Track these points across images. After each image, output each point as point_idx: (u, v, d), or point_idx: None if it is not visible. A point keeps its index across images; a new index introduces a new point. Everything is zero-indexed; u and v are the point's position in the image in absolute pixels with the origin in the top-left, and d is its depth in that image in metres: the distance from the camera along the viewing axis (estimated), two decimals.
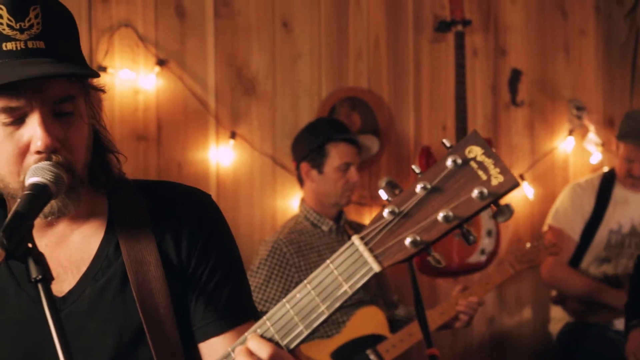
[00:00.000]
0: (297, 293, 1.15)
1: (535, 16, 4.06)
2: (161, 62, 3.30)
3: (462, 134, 3.65)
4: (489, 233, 3.67)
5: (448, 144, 1.09)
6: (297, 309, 1.14)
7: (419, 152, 3.71)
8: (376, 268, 1.10)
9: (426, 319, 2.21)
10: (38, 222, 1.29)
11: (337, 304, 1.12)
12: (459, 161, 1.07)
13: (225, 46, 3.43)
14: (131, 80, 3.24)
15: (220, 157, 3.40)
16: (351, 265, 1.12)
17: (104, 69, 3.18)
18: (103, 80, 1.38)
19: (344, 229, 3.24)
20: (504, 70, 3.99)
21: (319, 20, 3.61)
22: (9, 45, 1.21)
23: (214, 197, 3.37)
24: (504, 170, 1.05)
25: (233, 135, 3.42)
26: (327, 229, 3.16)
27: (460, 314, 3.01)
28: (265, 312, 2.98)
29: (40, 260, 1.14)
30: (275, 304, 2.97)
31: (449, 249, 3.60)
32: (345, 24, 3.66)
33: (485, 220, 3.67)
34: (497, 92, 3.97)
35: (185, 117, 3.37)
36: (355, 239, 1.12)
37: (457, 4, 3.69)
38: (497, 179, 1.04)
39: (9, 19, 1.21)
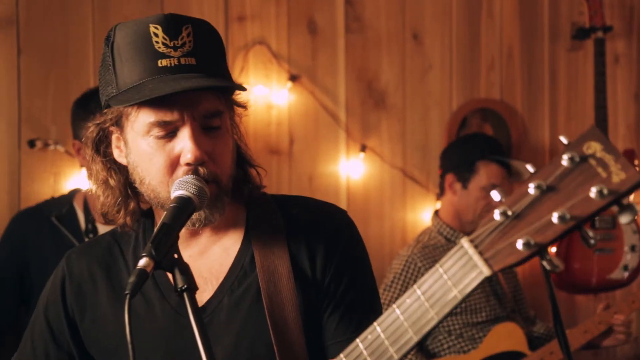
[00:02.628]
0: (407, 298, 1.12)
1: None
2: (293, 78, 3.39)
3: None
4: (633, 248, 3.47)
5: (565, 141, 1.03)
6: (407, 314, 1.11)
7: None
8: (486, 272, 1.06)
9: (566, 337, 2.11)
10: (183, 233, 1.35)
11: (447, 310, 1.09)
12: (577, 158, 1.00)
13: (356, 60, 3.48)
14: (264, 95, 3.35)
15: (350, 170, 3.44)
16: (460, 269, 1.08)
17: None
18: (245, 96, 1.43)
19: None
20: None
21: (450, 31, 3.58)
22: (163, 62, 1.28)
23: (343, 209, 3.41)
24: (626, 167, 0.97)
25: (363, 148, 3.44)
26: None
27: (617, 330, 2.86)
28: None
29: (186, 270, 1.19)
30: None
31: (589, 264, 3.44)
32: (476, 34, 3.61)
33: (629, 234, 3.48)
34: None
35: (316, 130, 3.43)
36: (465, 241, 1.08)
37: (597, 9, 3.54)
38: (618, 175, 0.98)
39: (164, 38, 1.28)
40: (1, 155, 3.08)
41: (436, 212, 3.18)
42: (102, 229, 2.60)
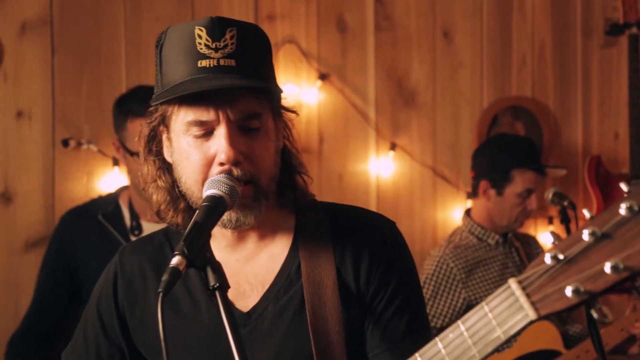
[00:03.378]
0: (450, 333, 1.11)
1: None
2: (323, 76, 3.39)
3: (637, 142, 3.44)
4: None
5: (625, 189, 1.00)
6: (449, 349, 1.10)
7: (589, 162, 3.54)
8: (532, 315, 1.04)
9: (600, 336, 2.09)
10: (230, 237, 1.38)
11: (489, 349, 1.07)
12: (635, 207, 0.98)
13: (386, 58, 3.47)
14: (294, 94, 3.36)
15: (380, 168, 3.43)
16: (506, 309, 1.06)
17: None
18: (293, 101, 1.44)
19: (511, 241, 3.14)
20: None
21: (481, 28, 3.55)
22: (203, 63, 1.29)
23: (373, 208, 3.41)
24: None
25: (393, 147, 3.44)
26: (494, 243, 3.08)
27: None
28: (432, 327, 2.94)
29: (218, 269, 1.19)
30: (441, 320, 2.97)
31: None
32: (508, 31, 3.58)
33: None
34: None
35: (346, 129, 3.43)
36: (513, 282, 1.06)
37: (631, 5, 3.49)
38: None
39: (207, 39, 1.30)
40: (36, 155, 3.13)
41: (467, 212, 3.16)
42: (147, 226, 2.65)
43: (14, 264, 3.08)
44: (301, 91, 3.38)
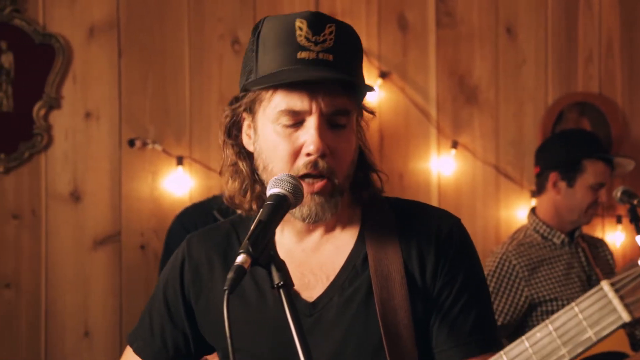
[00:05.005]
0: (538, 332, 1.11)
1: None
2: (383, 75, 3.38)
3: None
4: None
5: None
6: (536, 348, 1.10)
7: None
8: (626, 318, 1.05)
9: None
10: (298, 228, 1.40)
11: (579, 350, 1.07)
12: None
13: (447, 55, 3.44)
14: (367, 103, 3.35)
15: (441, 166, 3.40)
16: (598, 311, 1.07)
17: None
18: (371, 103, 1.47)
19: (577, 241, 3.08)
20: None
21: (545, 24, 3.48)
22: (302, 54, 1.32)
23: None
24: None
25: (455, 145, 3.40)
26: (559, 242, 3.02)
27: None
28: None
29: (282, 267, 1.21)
30: (503, 317, 2.93)
31: None
32: (574, 26, 3.50)
33: None
34: None
35: (406, 127, 3.42)
36: (605, 284, 1.07)
37: None
38: None
39: (307, 32, 1.33)
40: (103, 155, 3.22)
41: (533, 210, 3.10)
42: None
43: (82, 261, 3.18)
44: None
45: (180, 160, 3.18)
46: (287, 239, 1.42)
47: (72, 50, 3.21)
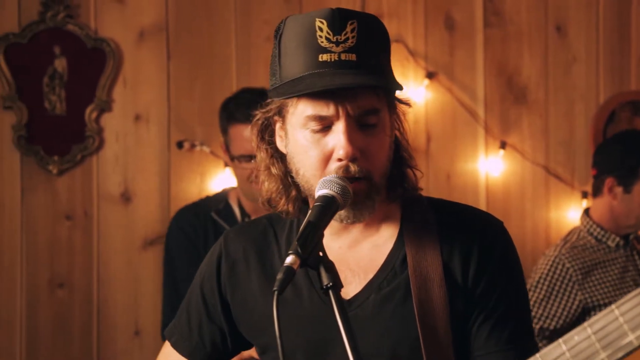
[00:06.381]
0: (576, 335, 1.08)
1: None
2: (430, 75, 3.36)
3: None
4: None
5: None
6: (573, 352, 1.07)
7: None
8: None
9: None
10: (335, 225, 1.39)
11: (620, 355, 1.04)
12: None
13: (495, 55, 3.40)
14: (401, 94, 3.34)
15: (489, 167, 3.37)
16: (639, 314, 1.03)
17: None
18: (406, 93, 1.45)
19: (633, 244, 3.01)
20: None
21: (597, 21, 3.42)
22: (324, 57, 1.30)
23: (482, 208, 3.36)
24: None
25: (503, 145, 3.36)
26: (614, 245, 2.95)
27: None
28: (546, 329, 2.85)
29: (331, 268, 1.22)
30: (555, 321, 2.88)
31: None
32: (626, 22, 3.42)
33: None
34: None
35: (453, 128, 3.39)
36: None
37: None
38: None
39: (327, 33, 1.30)
40: (152, 156, 3.28)
41: (586, 211, 3.04)
42: None
43: (133, 261, 3.24)
44: (408, 90, 3.36)
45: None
46: (324, 236, 1.41)
47: (122, 54, 3.27)
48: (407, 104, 1.41)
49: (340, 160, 1.31)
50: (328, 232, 1.39)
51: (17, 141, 3.18)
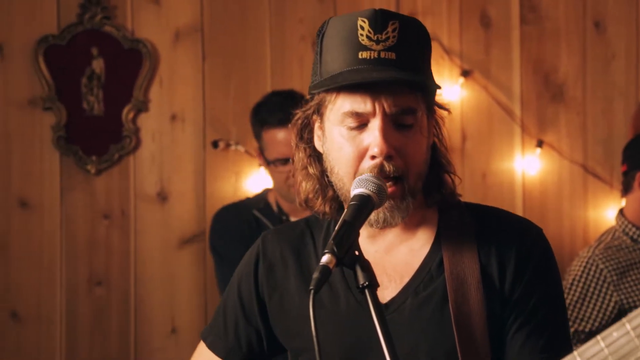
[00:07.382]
0: (614, 331, 1.06)
1: None
2: (465, 73, 3.33)
3: None
4: None
5: None
6: (612, 348, 1.05)
7: None
8: None
9: None
10: (370, 230, 1.39)
11: None
12: None
13: (532, 52, 3.36)
14: (440, 99, 3.32)
15: (526, 166, 3.33)
16: None
17: None
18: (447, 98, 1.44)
19: None
20: None
21: (637, 16, 3.35)
22: (364, 54, 1.31)
23: (519, 207, 3.32)
24: None
25: (540, 144, 3.32)
26: None
27: None
28: (581, 331, 2.81)
29: (367, 267, 1.21)
30: (590, 324, 2.84)
31: None
32: None
33: None
34: None
35: (489, 126, 3.36)
36: None
37: None
38: None
39: (369, 31, 1.31)
40: (188, 156, 3.31)
41: (621, 211, 2.99)
42: None
43: (169, 260, 3.27)
44: (443, 89, 3.33)
45: None
46: (360, 240, 1.39)
47: (158, 55, 3.30)
48: (447, 109, 1.41)
49: (374, 157, 1.31)
50: (364, 235, 1.39)
51: (57, 141, 3.23)
